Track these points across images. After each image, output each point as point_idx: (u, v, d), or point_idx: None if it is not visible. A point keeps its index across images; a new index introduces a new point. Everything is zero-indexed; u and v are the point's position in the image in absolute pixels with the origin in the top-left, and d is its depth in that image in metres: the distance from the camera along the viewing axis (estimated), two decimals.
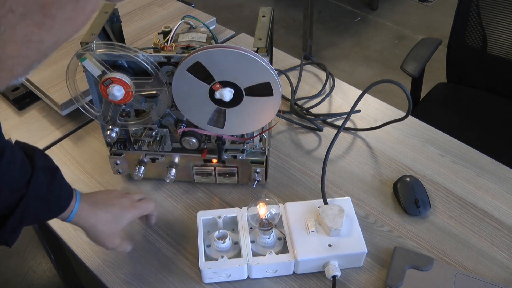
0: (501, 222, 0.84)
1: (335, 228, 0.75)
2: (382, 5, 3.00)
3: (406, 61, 1.41)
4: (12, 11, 0.27)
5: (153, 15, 1.27)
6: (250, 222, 0.78)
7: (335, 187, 0.90)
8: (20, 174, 0.60)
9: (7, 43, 0.28)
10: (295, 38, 2.78)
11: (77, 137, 1.01)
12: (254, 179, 0.86)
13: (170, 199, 0.89)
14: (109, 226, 0.71)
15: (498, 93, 1.48)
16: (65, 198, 0.66)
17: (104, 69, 0.70)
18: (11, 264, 1.70)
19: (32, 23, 0.28)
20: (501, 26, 1.39)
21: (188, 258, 0.79)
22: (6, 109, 1.07)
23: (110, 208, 0.72)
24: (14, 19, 0.27)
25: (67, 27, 0.31)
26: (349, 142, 0.99)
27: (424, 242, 0.81)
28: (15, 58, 0.29)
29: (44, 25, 0.29)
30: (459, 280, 0.74)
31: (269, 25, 0.75)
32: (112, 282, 0.76)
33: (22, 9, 0.28)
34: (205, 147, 0.85)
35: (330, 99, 1.09)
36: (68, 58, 0.71)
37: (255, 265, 0.73)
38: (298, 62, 1.18)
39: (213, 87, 0.71)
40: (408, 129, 1.01)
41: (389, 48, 2.68)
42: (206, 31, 0.86)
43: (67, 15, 0.30)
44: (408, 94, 0.85)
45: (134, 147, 0.85)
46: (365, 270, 0.77)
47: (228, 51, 0.67)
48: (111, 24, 0.82)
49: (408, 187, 0.87)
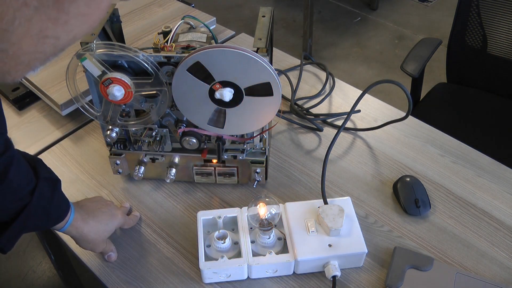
0: (501, 222, 0.84)
1: (335, 228, 0.75)
2: (382, 5, 3.00)
3: (406, 61, 1.41)
4: (27, 4, 0.28)
5: (153, 15, 1.27)
6: (250, 222, 0.78)
7: (335, 187, 0.90)
8: (25, 183, 0.62)
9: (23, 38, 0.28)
10: (295, 38, 2.78)
11: (77, 137, 1.01)
12: (254, 179, 0.86)
13: (170, 199, 0.89)
14: (99, 234, 0.74)
15: (498, 93, 1.48)
16: (63, 209, 0.68)
17: (104, 69, 0.70)
18: (11, 264, 1.70)
19: (46, 18, 0.29)
20: (501, 26, 1.39)
21: (188, 258, 0.79)
22: (6, 109, 1.07)
23: (100, 215, 0.75)
24: (29, 13, 0.28)
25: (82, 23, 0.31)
26: (349, 142, 0.99)
27: (424, 242, 0.81)
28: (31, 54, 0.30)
29: (58, 20, 0.29)
30: (459, 280, 0.74)
31: (269, 25, 0.75)
32: (112, 282, 0.76)
33: (36, 2, 0.28)
34: (205, 147, 0.85)
35: (330, 99, 1.09)
36: (68, 58, 0.71)
37: (255, 265, 0.73)
38: (298, 62, 1.18)
39: (213, 87, 0.71)
40: (408, 129, 1.01)
41: (389, 48, 2.68)
42: (206, 31, 0.86)
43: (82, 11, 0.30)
44: (408, 94, 0.85)
45: (134, 147, 0.85)
46: (365, 270, 0.77)
47: (228, 51, 0.67)
48: (111, 24, 0.82)
49: (408, 187, 0.87)
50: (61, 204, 0.68)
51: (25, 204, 0.61)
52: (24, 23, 0.28)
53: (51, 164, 0.81)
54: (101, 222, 0.74)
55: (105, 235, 0.75)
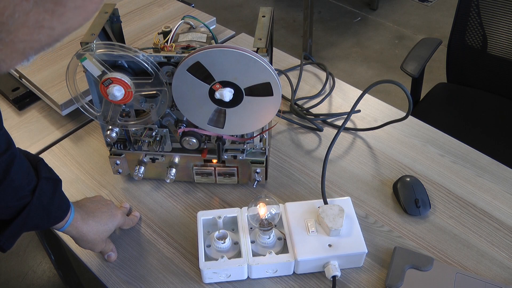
0: (501, 222, 0.84)
1: (335, 228, 0.75)
2: (382, 5, 3.00)
3: (406, 61, 1.41)
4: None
5: (153, 15, 1.27)
6: (250, 222, 0.78)
7: (335, 187, 0.90)
8: (26, 182, 0.62)
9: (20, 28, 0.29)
10: (295, 38, 2.78)
11: (77, 137, 1.01)
12: (254, 179, 0.86)
13: (170, 199, 0.89)
14: (99, 234, 0.74)
15: (498, 93, 1.48)
16: (63, 209, 0.68)
17: (104, 69, 0.70)
18: (11, 264, 1.70)
19: (44, 10, 0.30)
20: (501, 26, 1.39)
21: (188, 258, 0.79)
22: (6, 109, 1.07)
23: (99, 215, 0.75)
24: (28, 7, 0.29)
25: (78, 15, 0.32)
26: (349, 142, 0.99)
27: (424, 242, 0.81)
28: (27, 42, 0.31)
29: (55, 12, 0.30)
30: (459, 280, 0.74)
31: (269, 25, 0.75)
32: (112, 282, 0.76)
33: None
34: (205, 147, 0.85)
35: (330, 99, 1.09)
36: (68, 58, 0.71)
37: (255, 265, 0.73)
38: (298, 62, 1.18)
39: (213, 87, 0.71)
40: (408, 129, 1.01)
41: (389, 48, 2.68)
42: (206, 31, 0.86)
43: (78, 3, 0.31)
44: (408, 94, 0.85)
45: (134, 147, 0.85)
46: (365, 270, 0.77)
47: (228, 51, 0.67)
48: (111, 24, 0.82)
49: (408, 187, 0.87)
50: (61, 204, 0.68)
51: (26, 203, 0.61)
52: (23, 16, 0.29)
53: (51, 164, 0.80)
54: (101, 222, 0.74)
55: (104, 235, 0.76)
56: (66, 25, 0.32)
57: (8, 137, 0.61)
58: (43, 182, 0.63)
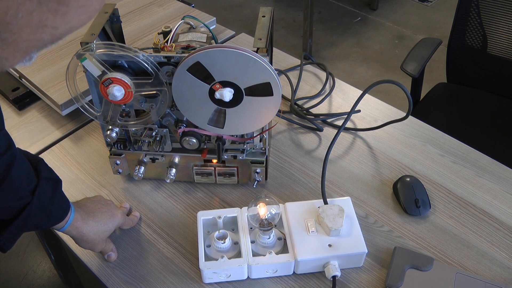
0: (501, 222, 0.84)
1: (335, 228, 0.75)
2: (382, 5, 3.00)
3: (406, 61, 1.41)
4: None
5: (153, 15, 1.27)
6: (250, 222, 0.78)
7: (335, 187, 0.90)
8: (26, 182, 0.62)
9: (23, 27, 0.30)
10: (295, 38, 2.78)
11: (77, 137, 1.01)
12: (254, 179, 0.86)
13: (170, 199, 0.89)
14: (99, 234, 0.74)
15: (498, 93, 1.48)
16: (64, 209, 0.68)
17: (104, 69, 0.70)
18: (11, 264, 1.70)
19: (47, 10, 0.30)
20: (501, 26, 1.39)
21: (188, 258, 0.79)
22: (6, 109, 1.07)
23: (99, 215, 0.75)
24: (31, 7, 0.29)
25: (81, 14, 0.32)
26: (349, 142, 0.99)
27: (424, 242, 0.81)
28: (29, 41, 0.31)
29: (58, 12, 0.31)
30: (459, 280, 0.74)
31: (269, 25, 0.75)
32: (112, 282, 0.76)
33: None
34: (205, 147, 0.85)
35: (330, 99, 1.09)
36: (68, 58, 0.71)
37: (255, 265, 0.73)
38: (298, 62, 1.18)
39: (213, 87, 0.71)
40: (408, 129, 1.01)
41: (389, 48, 2.68)
42: (206, 31, 0.86)
43: (81, 3, 0.32)
44: (408, 94, 0.85)
45: (134, 147, 0.85)
46: (365, 270, 0.77)
47: (228, 51, 0.67)
48: (111, 24, 0.82)
49: (408, 187, 0.87)
50: (61, 204, 0.68)
51: (26, 204, 0.61)
52: (26, 15, 0.29)
53: (51, 164, 0.81)
54: (101, 222, 0.74)
55: (104, 235, 0.76)
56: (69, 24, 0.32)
57: (8, 137, 0.61)
58: (43, 182, 0.63)
